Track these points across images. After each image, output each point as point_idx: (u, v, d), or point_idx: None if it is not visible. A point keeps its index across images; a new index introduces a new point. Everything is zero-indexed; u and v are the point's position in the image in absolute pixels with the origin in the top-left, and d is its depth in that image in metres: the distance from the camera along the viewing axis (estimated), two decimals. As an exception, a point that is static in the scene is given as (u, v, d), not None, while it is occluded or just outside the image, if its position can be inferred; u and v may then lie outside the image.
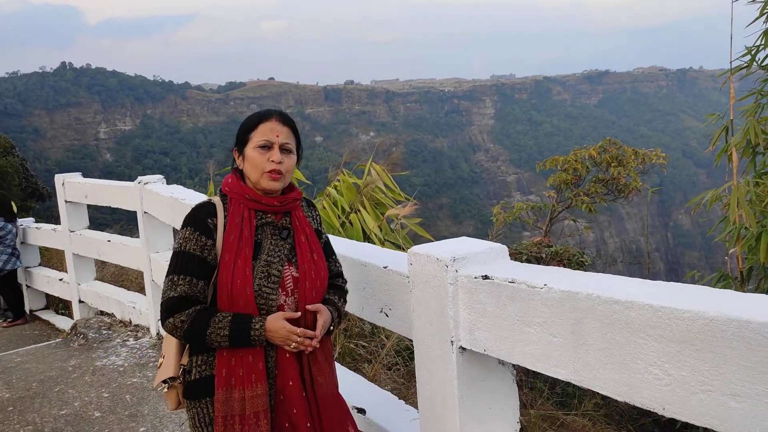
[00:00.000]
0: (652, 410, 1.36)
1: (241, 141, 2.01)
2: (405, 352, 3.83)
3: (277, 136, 1.97)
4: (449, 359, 1.92)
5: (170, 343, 2.01)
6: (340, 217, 5.96)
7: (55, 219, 9.25)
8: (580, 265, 5.40)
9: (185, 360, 1.97)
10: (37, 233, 7.41)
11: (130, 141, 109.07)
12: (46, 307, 7.95)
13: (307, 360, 1.96)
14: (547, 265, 5.51)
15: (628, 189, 8.06)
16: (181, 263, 1.89)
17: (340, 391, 2.56)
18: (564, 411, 3.93)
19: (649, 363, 1.35)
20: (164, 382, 1.97)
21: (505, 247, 1.98)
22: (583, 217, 9.28)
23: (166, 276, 1.91)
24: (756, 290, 4.02)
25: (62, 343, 5.58)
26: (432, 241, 2.20)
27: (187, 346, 1.98)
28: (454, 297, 1.88)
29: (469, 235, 2.49)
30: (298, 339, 1.88)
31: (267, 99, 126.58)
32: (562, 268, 1.79)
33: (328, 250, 2.17)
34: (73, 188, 6.18)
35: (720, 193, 3.91)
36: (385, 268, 2.27)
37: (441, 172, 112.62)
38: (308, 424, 1.95)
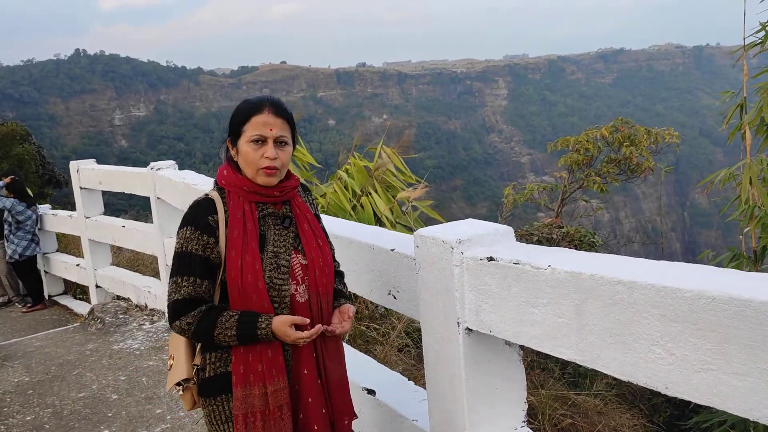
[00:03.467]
0: (654, 389, 1.37)
1: (235, 133, 1.94)
2: (415, 333, 3.86)
3: (271, 130, 1.89)
4: (456, 340, 1.93)
5: (179, 344, 1.97)
6: (351, 201, 5.98)
7: (71, 206, 9.36)
8: (591, 246, 5.38)
9: (198, 359, 1.94)
10: (54, 219, 7.52)
11: (144, 127, 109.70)
12: (64, 293, 8.08)
13: (321, 347, 1.97)
14: (558, 246, 5.50)
15: (640, 169, 7.98)
16: (183, 264, 1.85)
17: (351, 372, 2.58)
18: (575, 391, 3.94)
19: (651, 342, 1.35)
20: (178, 384, 1.93)
21: (510, 228, 1.98)
22: (596, 198, 9.22)
23: (170, 278, 1.89)
24: (770, 269, 3.99)
25: (80, 328, 5.68)
26: (443, 223, 2.20)
27: (199, 345, 1.96)
28: (460, 279, 1.88)
29: (482, 217, 2.49)
30: (307, 340, 1.86)
31: (279, 83, 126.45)
32: (566, 249, 1.79)
33: (325, 234, 2.13)
34: (87, 175, 6.25)
35: (733, 172, 3.87)
36: (392, 250, 2.28)
37: (454, 154, 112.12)
38: (323, 411, 1.96)
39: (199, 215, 1.89)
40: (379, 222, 5.81)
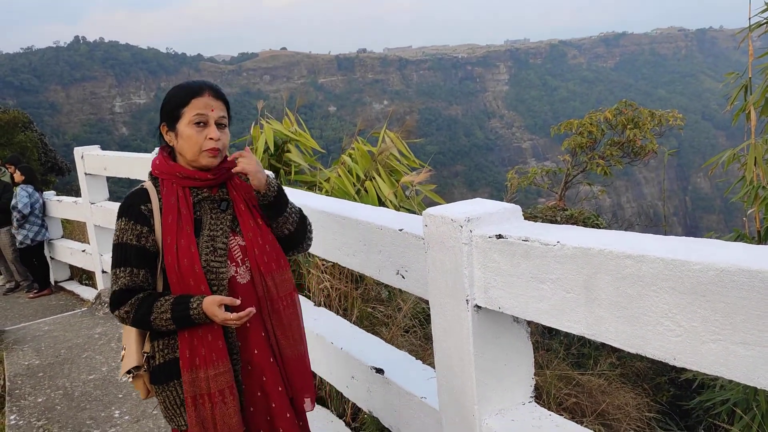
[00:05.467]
0: (662, 360, 1.39)
1: (172, 117, 1.92)
2: (421, 315, 3.89)
3: (212, 111, 1.91)
4: (465, 318, 1.96)
5: (129, 333, 2.00)
6: (355, 185, 6.00)
7: (74, 192, 9.39)
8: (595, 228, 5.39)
9: (147, 347, 1.96)
10: (59, 206, 7.55)
11: (145, 114, 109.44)
12: (70, 278, 8.14)
13: (271, 326, 1.99)
14: (563, 228, 5.52)
15: (644, 151, 7.98)
16: (120, 255, 1.88)
17: (359, 352, 2.61)
18: (580, 371, 3.98)
19: (660, 315, 1.38)
20: (128, 372, 1.96)
21: (518, 207, 2.00)
22: (598, 182, 9.22)
23: (111, 269, 1.92)
24: (773, 250, 4.00)
25: (87, 312, 5.74)
26: None
27: (148, 333, 1.97)
28: (469, 257, 1.91)
29: None
30: (237, 322, 1.84)
31: (280, 69, 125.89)
32: (572, 226, 1.81)
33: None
34: (92, 161, 6.27)
35: (738, 152, 3.88)
36: (400, 230, 2.31)
37: (455, 140, 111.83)
38: (279, 389, 2.00)
39: (132, 205, 1.90)
40: (383, 206, 5.83)
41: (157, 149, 2.11)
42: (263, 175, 1.96)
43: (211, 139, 1.89)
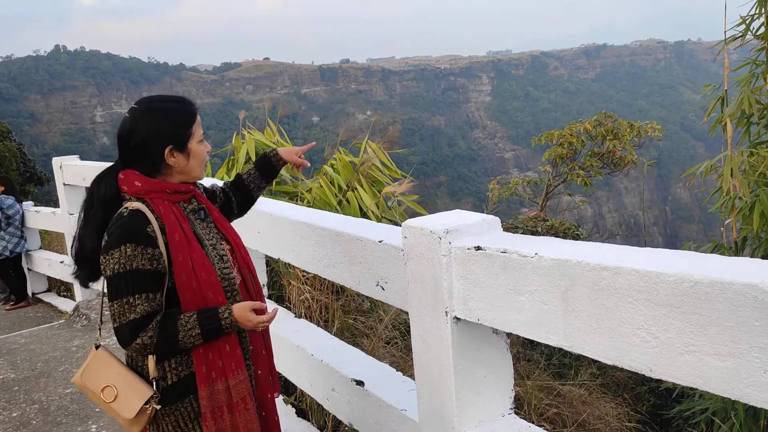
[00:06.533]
0: (639, 372, 1.40)
1: (182, 138, 1.90)
2: (402, 326, 3.88)
3: None
4: (444, 329, 1.96)
5: (110, 371, 1.89)
6: (337, 196, 5.99)
7: (53, 203, 9.26)
8: (575, 239, 5.43)
9: (154, 372, 1.86)
10: (37, 216, 7.44)
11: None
12: (48, 290, 8.01)
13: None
14: (544, 238, 5.55)
15: (623, 162, 8.08)
16: (133, 283, 1.78)
17: (339, 364, 2.63)
18: (561, 382, 3.99)
19: (636, 327, 1.38)
20: (146, 404, 1.84)
21: (497, 218, 2.00)
22: (579, 192, 9.31)
23: (116, 300, 1.78)
24: (750, 259, 4.06)
25: (65, 324, 5.64)
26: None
27: (150, 357, 1.86)
28: (448, 268, 1.91)
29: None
30: (267, 323, 1.92)
31: (263, 79, 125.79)
32: (553, 237, 1.82)
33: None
34: (71, 171, 6.20)
35: (715, 164, 3.93)
36: (380, 242, 2.30)
37: (438, 150, 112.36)
38: (270, 378, 2.13)
39: (137, 229, 1.81)
40: (365, 217, 5.82)
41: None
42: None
43: (208, 152, 1.99)
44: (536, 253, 1.63)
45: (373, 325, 3.91)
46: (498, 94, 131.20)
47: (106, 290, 1.84)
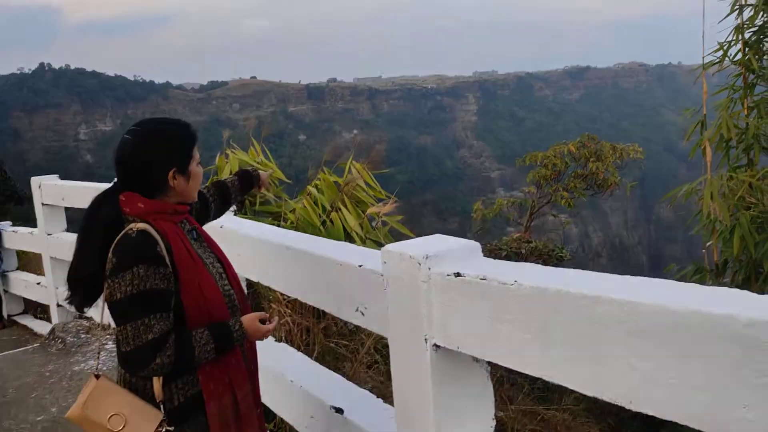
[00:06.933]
0: (619, 404, 1.37)
1: (185, 160, 1.95)
2: (384, 350, 3.83)
3: None
4: (423, 357, 1.92)
5: (123, 399, 1.86)
6: (320, 216, 5.95)
7: (33, 222, 9.10)
8: (559, 260, 5.44)
9: (160, 395, 1.85)
10: (14, 236, 7.31)
11: (110, 142, 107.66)
12: (24, 312, 7.84)
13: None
14: (527, 260, 5.55)
15: (607, 184, 8.14)
16: (148, 303, 1.77)
17: (318, 390, 2.61)
18: (544, 406, 3.95)
19: (616, 358, 1.36)
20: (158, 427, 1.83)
21: (478, 244, 1.98)
22: (564, 212, 9.34)
23: (129, 322, 1.76)
24: (731, 282, 4.08)
25: (40, 348, 5.51)
26: (414, 238, 2.20)
27: (156, 381, 1.86)
28: (428, 295, 1.88)
29: (453, 231, 2.50)
30: (273, 331, 2.07)
31: (249, 98, 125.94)
32: (533, 264, 1.80)
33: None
34: (49, 191, 6.11)
35: (695, 187, 3.96)
36: (360, 266, 2.27)
37: (425, 169, 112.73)
38: (255, 395, 2.13)
39: (146, 250, 1.80)
40: (349, 237, 5.79)
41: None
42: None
43: (202, 173, 2.05)
44: (516, 281, 1.61)
45: (355, 348, 3.85)
46: (484, 113, 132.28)
47: (110, 314, 1.84)
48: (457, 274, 1.78)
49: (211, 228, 2.55)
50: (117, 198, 1.92)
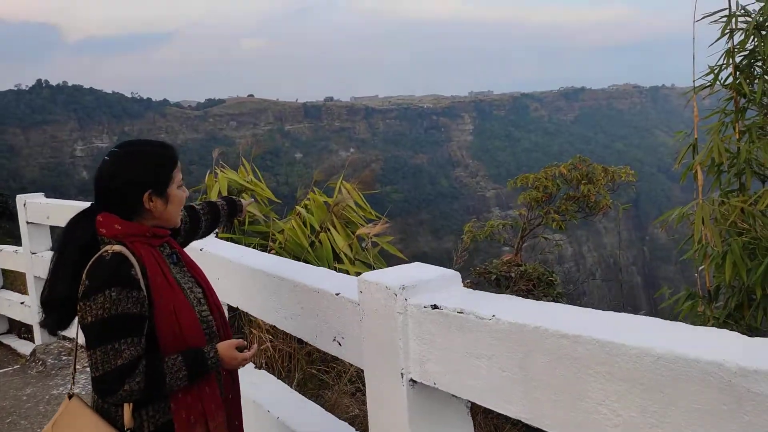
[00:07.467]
0: (600, 453, 1.28)
1: (162, 182, 1.89)
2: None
3: None
4: (400, 392, 1.83)
5: (91, 423, 1.81)
6: (309, 237, 5.87)
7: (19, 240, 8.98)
8: (549, 285, 5.36)
9: (129, 422, 1.79)
10: (-1, 255, 7.19)
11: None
12: (9, 332, 7.69)
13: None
14: (516, 284, 5.46)
15: (598, 206, 8.08)
16: (119, 328, 1.72)
17: (293, 421, 2.52)
18: (534, 435, 3.84)
19: (598, 402, 1.27)
20: None
21: (457, 273, 1.90)
22: (558, 233, 9.27)
23: (98, 347, 1.71)
24: (723, 308, 4.00)
25: (20, 370, 5.38)
26: (404, 258, 2.14)
27: (126, 407, 1.80)
28: (404, 327, 1.79)
29: (448, 250, 2.42)
30: (250, 360, 1.98)
31: (246, 116, 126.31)
32: (513, 296, 1.72)
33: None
34: (34, 209, 6.02)
35: (686, 211, 3.90)
36: (337, 294, 2.18)
37: (421, 188, 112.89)
38: (236, 423, 2.06)
39: (120, 273, 1.76)
40: (337, 258, 5.70)
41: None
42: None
43: (186, 196, 1.98)
44: (494, 315, 1.53)
45: (339, 375, 3.75)
46: (480, 133, 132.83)
47: (83, 337, 1.78)
48: (434, 306, 1.70)
49: (190, 250, 2.46)
50: (94, 219, 1.87)
